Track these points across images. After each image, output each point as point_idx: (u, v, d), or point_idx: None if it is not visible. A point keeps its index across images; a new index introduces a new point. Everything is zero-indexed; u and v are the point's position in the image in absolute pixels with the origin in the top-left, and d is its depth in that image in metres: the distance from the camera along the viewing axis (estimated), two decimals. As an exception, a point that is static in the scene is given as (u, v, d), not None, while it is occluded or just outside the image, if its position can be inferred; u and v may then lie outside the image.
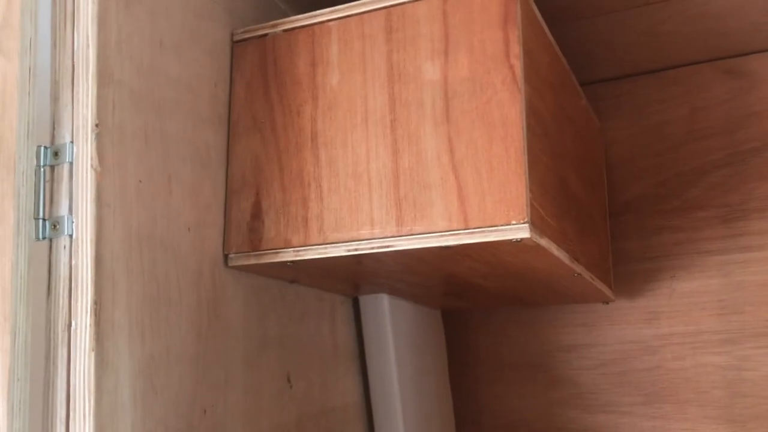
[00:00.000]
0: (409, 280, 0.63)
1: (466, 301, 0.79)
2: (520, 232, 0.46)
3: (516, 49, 0.48)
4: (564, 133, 0.59)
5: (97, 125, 0.44)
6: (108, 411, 0.43)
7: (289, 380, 0.60)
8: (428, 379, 0.76)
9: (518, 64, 0.48)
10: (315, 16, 0.55)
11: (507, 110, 0.48)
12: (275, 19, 0.57)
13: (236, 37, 0.58)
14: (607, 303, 0.77)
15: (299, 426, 0.61)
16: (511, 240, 0.46)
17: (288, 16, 0.57)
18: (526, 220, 0.46)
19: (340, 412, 0.68)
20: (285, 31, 0.56)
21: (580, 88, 0.68)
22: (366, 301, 0.70)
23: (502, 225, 0.46)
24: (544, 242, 0.49)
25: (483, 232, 0.47)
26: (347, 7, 0.54)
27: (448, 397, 0.81)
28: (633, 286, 0.77)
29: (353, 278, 0.63)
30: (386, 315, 0.69)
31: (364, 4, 0.53)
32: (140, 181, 0.47)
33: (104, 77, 0.45)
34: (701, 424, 0.73)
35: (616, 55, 0.77)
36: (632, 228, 0.78)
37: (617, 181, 0.80)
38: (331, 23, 0.54)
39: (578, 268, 0.59)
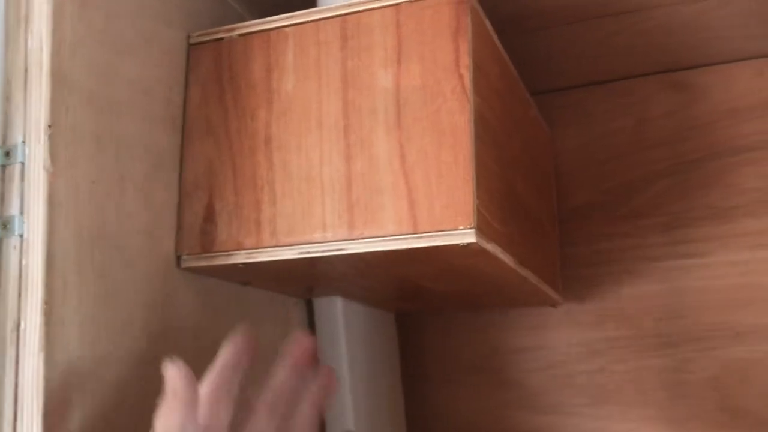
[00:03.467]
0: (363, 283, 0.64)
1: (419, 304, 0.80)
2: (467, 237, 0.47)
3: (466, 60, 0.50)
4: (513, 142, 0.61)
5: (49, 126, 0.44)
6: (59, 412, 0.43)
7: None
8: (381, 382, 0.77)
9: (468, 75, 0.49)
10: (271, 21, 0.56)
11: (456, 119, 0.49)
12: (233, 23, 0.57)
13: (192, 40, 0.58)
14: (556, 306, 0.79)
15: None
16: (458, 244, 0.48)
17: (246, 20, 0.58)
18: (472, 225, 0.47)
19: (292, 413, 0.68)
20: (241, 35, 0.57)
21: (530, 97, 0.70)
22: (320, 303, 0.71)
23: (449, 230, 0.48)
24: (490, 247, 0.50)
25: (431, 236, 0.48)
26: (304, 14, 0.55)
27: (400, 399, 0.82)
28: (580, 290, 0.80)
29: (307, 281, 0.63)
30: (339, 318, 0.70)
31: (321, 11, 0.54)
32: (93, 182, 0.47)
33: (58, 78, 0.45)
34: (643, 425, 0.76)
35: (567, 66, 0.79)
36: (580, 234, 0.81)
37: (566, 189, 0.82)
38: (287, 29, 0.55)
39: (524, 272, 0.60)
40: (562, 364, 0.80)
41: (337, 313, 0.70)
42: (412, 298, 0.76)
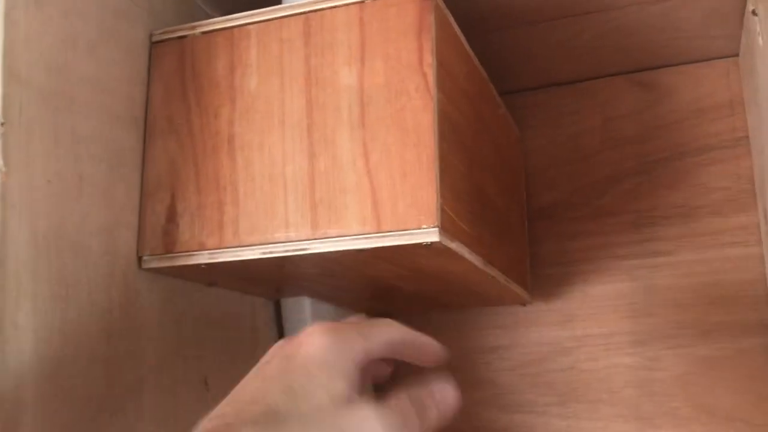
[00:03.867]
0: (330, 283, 0.64)
1: (388, 304, 0.80)
2: (430, 236, 0.47)
3: (429, 59, 0.49)
4: (481, 142, 0.61)
5: (2, 124, 0.43)
6: (11, 416, 0.42)
7: (206, 383, 0.60)
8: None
9: (431, 73, 0.49)
10: (234, 19, 0.55)
11: (420, 117, 0.49)
12: (197, 21, 0.57)
13: (155, 38, 0.57)
14: (525, 305, 0.79)
15: None
16: (421, 243, 0.47)
17: (210, 18, 0.57)
18: (436, 224, 0.47)
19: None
20: (204, 33, 0.56)
21: (498, 97, 0.70)
22: (287, 304, 0.70)
23: (413, 229, 0.48)
24: (455, 246, 0.50)
25: (395, 235, 0.48)
26: (267, 11, 0.54)
27: (371, 399, 0.82)
28: (549, 289, 0.80)
29: (274, 282, 0.63)
30: (308, 318, 0.70)
31: (284, 8, 0.54)
32: (49, 182, 0.46)
33: (11, 76, 0.44)
34: (613, 423, 0.76)
35: (535, 66, 0.79)
36: (549, 233, 0.81)
37: (535, 188, 0.82)
38: (250, 26, 0.55)
39: (493, 272, 0.60)
40: (531, 363, 0.80)
41: (305, 313, 0.69)
42: (382, 298, 0.75)
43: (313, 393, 0.35)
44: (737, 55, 0.77)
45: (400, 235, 0.48)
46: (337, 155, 0.50)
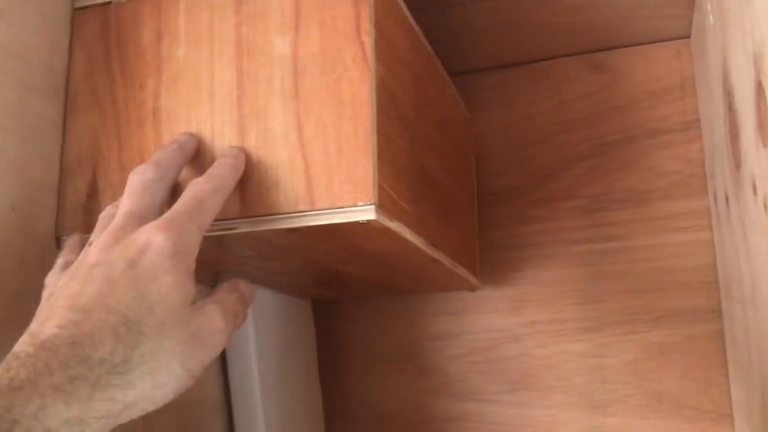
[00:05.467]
0: (269, 267, 0.61)
1: (335, 291, 0.77)
2: (366, 213, 0.45)
3: (366, 26, 0.47)
4: (426, 119, 0.58)
5: None
6: None
7: (135, 373, 0.56)
8: (294, 372, 0.74)
9: (369, 42, 0.46)
10: (162, -16, 0.52)
11: (357, 88, 0.46)
12: (123, -12, 0.53)
13: (77, 4, 0.54)
14: (474, 291, 0.77)
15: (147, 420, 0.57)
16: (357, 222, 0.45)
17: (140, -15, 0.53)
18: (372, 201, 0.45)
19: (196, 407, 0.64)
20: (130, -1, 0.53)
21: (447, 76, 0.67)
22: (225, 289, 0.67)
23: (348, 207, 0.45)
24: (394, 225, 0.47)
25: (329, 213, 0.45)
26: (196, -24, 0.51)
27: (317, 390, 0.79)
28: (499, 274, 0.78)
29: (207, 265, 0.59)
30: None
31: (215, -26, 0.51)
32: (-49, 154, 0.43)
33: None
34: (563, 411, 0.75)
35: (486, 45, 0.77)
36: (500, 217, 0.79)
37: (487, 172, 0.80)
38: (179, -8, 0.51)
39: (437, 254, 0.58)
40: (482, 350, 0.78)
41: (244, 299, 0.66)
42: (327, 284, 0.72)
43: (164, 298, 0.37)
44: (689, 36, 0.75)
45: (334, 213, 0.45)
46: (269, 129, 0.47)
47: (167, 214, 0.41)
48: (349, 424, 0.81)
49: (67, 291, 0.37)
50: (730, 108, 0.56)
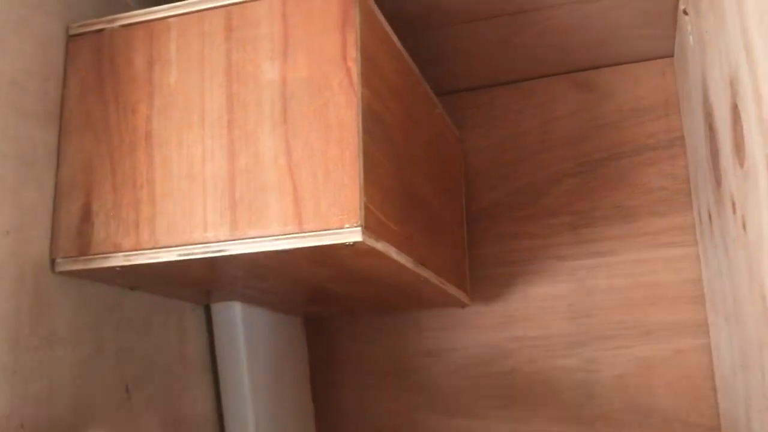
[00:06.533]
0: (259, 286, 0.62)
1: (326, 308, 0.78)
2: (353, 235, 0.46)
3: (353, 52, 0.48)
4: (413, 140, 0.60)
5: None
6: None
7: (127, 391, 0.57)
8: (286, 389, 0.75)
9: (355, 67, 0.48)
10: (154, 12, 0.53)
11: (343, 113, 0.47)
12: (117, 13, 0.54)
13: (71, 32, 0.55)
14: (464, 308, 0.78)
15: (140, 439, 0.58)
16: (344, 243, 0.46)
17: (131, 10, 0.55)
18: (359, 223, 0.46)
19: (188, 423, 0.65)
20: (123, 26, 0.54)
21: (434, 96, 0.69)
22: (217, 309, 0.68)
23: (336, 228, 0.46)
24: (380, 246, 0.49)
25: (317, 235, 0.46)
26: (186, 4, 0.52)
27: (309, 406, 0.80)
28: (489, 290, 0.79)
29: (200, 285, 0.60)
30: (238, 323, 0.67)
31: (205, 1, 0.52)
32: (-53, 180, 0.44)
33: None
34: (553, 426, 0.75)
35: (474, 66, 0.79)
36: (488, 234, 0.80)
37: (475, 189, 0.81)
38: (170, 20, 0.53)
39: (425, 273, 0.59)
40: (472, 365, 0.79)
41: (236, 318, 0.67)
42: (318, 302, 0.73)
43: None
44: (672, 55, 0.77)
45: (322, 235, 0.46)
46: (258, 152, 0.48)
47: None
48: (341, 440, 0.82)
49: None
50: (711, 128, 0.57)
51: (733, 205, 0.51)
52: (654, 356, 0.74)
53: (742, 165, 0.47)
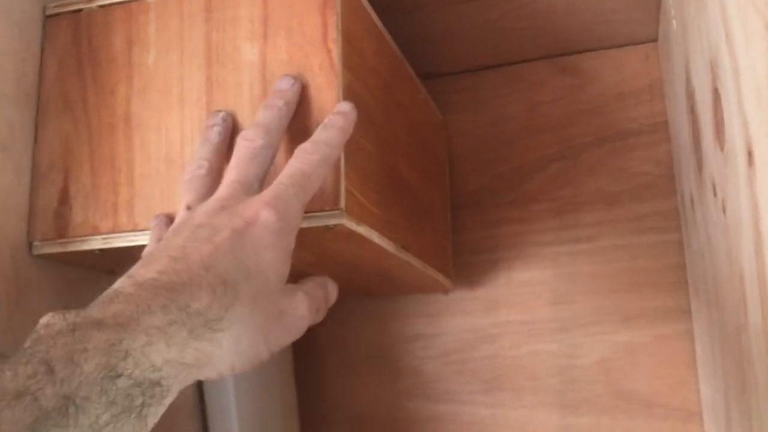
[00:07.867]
0: (243, 270, 0.61)
1: (310, 293, 0.78)
2: (334, 218, 0.45)
3: (333, 34, 0.47)
4: (395, 123, 0.59)
5: None
6: None
7: (108, 376, 0.57)
8: (268, 376, 0.75)
9: (336, 49, 0.47)
10: (133, -9, 0.52)
11: (324, 95, 0.47)
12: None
13: (49, 12, 0.54)
14: (447, 293, 0.78)
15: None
16: (325, 226, 0.46)
17: (111, -9, 0.54)
18: (340, 206, 0.45)
19: (169, 411, 0.65)
20: (101, 6, 0.53)
21: (418, 80, 0.68)
22: (200, 293, 0.67)
23: (316, 212, 0.46)
24: (362, 230, 0.48)
25: (298, 218, 0.46)
26: (167, -16, 0.52)
27: (292, 393, 0.80)
28: (473, 276, 0.79)
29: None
30: (222, 307, 0.67)
31: (185, -19, 0.51)
32: None
33: None
34: (536, 411, 0.76)
35: (458, 49, 0.78)
36: (472, 220, 0.80)
37: (459, 174, 0.81)
38: (149, 0, 0.52)
39: (407, 257, 0.59)
40: (456, 351, 0.79)
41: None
42: (301, 287, 0.73)
43: (262, 271, 0.38)
44: (657, 40, 0.77)
45: (303, 218, 0.46)
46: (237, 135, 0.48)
47: (274, 190, 0.40)
48: (324, 426, 0.82)
49: (170, 244, 0.38)
50: (692, 111, 0.57)
51: (714, 188, 0.51)
52: (636, 342, 0.74)
53: (722, 148, 0.47)
